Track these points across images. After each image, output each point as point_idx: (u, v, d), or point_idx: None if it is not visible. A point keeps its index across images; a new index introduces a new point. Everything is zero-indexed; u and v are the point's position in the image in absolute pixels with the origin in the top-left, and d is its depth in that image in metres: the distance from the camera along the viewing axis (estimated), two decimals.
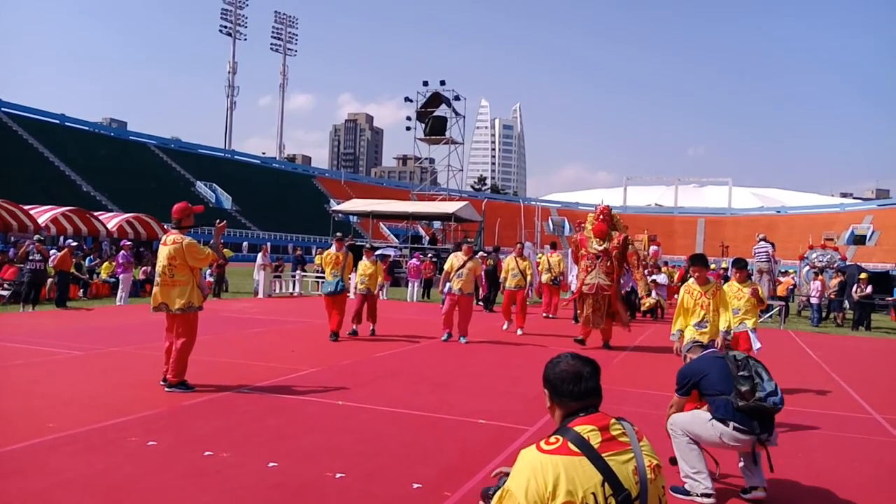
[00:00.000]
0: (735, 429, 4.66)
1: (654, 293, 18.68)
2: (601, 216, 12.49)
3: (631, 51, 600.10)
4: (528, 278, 14.69)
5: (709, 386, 4.87)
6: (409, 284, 24.18)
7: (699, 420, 4.86)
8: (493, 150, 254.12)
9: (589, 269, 12.30)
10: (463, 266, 12.53)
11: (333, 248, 12.45)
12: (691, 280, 7.65)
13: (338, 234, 12.97)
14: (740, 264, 8.93)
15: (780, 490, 5.07)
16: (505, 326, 14.67)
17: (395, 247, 37.63)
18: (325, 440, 5.79)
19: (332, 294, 11.92)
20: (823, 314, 21.81)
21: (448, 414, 6.97)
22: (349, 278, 12.80)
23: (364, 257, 13.27)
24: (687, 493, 4.75)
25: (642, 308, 13.91)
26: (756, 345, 8.33)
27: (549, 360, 2.56)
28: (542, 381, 2.57)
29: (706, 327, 7.24)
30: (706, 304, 7.31)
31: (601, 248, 12.22)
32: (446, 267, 12.82)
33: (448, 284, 12.63)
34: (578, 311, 12.51)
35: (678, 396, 5.13)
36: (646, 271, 19.13)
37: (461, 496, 4.59)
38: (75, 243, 20.80)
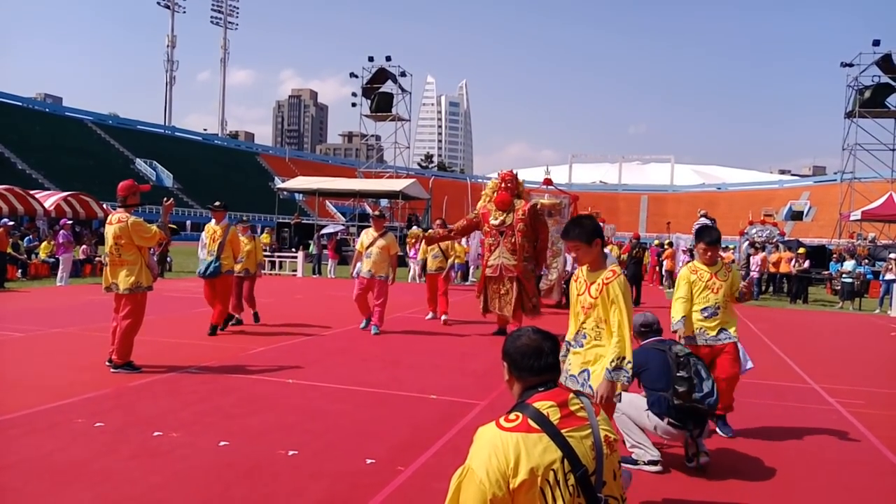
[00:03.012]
0: (669, 423, 4.82)
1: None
2: (504, 183, 10.52)
3: (573, 29, 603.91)
4: (451, 259, 12.89)
5: (647, 380, 4.99)
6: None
7: (636, 406, 4.99)
8: (440, 127, 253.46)
9: (492, 248, 10.49)
10: (373, 244, 10.68)
11: (213, 221, 10.37)
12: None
13: (216, 202, 10.60)
14: (712, 237, 6.00)
15: (722, 457, 5.25)
16: (429, 316, 12.66)
17: (343, 225, 37.37)
18: (276, 419, 5.77)
19: (203, 276, 10.04)
20: (763, 287, 22.50)
21: (399, 390, 7.00)
22: (242, 258, 10.83)
23: (239, 232, 11.01)
24: (635, 462, 4.88)
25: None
26: (748, 364, 6.03)
27: (510, 334, 2.56)
28: (500, 355, 2.56)
29: None
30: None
31: (498, 221, 10.42)
32: (357, 246, 11.20)
33: (359, 266, 10.93)
34: (478, 296, 10.86)
35: None
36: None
37: (414, 470, 4.63)
38: (11, 223, 20.14)
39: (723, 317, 5.90)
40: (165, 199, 8.05)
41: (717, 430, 5.74)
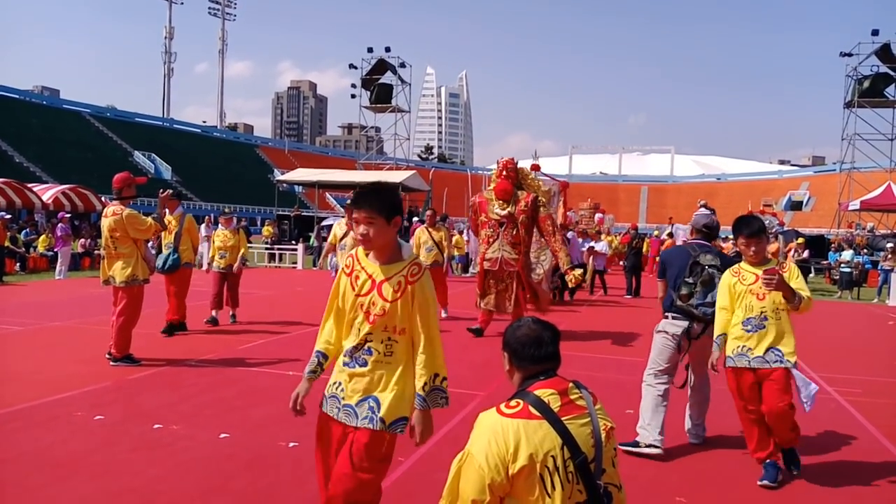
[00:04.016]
0: (673, 318, 5.23)
1: (590, 262, 18.17)
2: (504, 171, 9.93)
3: (573, 19, 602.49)
4: (446, 252, 12.00)
5: (669, 276, 5.38)
6: None
7: (653, 344, 5.37)
8: (440, 118, 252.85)
9: (490, 240, 9.86)
10: (346, 236, 10.00)
11: (166, 213, 9.31)
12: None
13: (168, 189, 9.14)
14: (751, 228, 4.78)
15: (720, 446, 5.27)
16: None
17: (343, 217, 37.32)
18: (276, 411, 5.77)
19: (162, 271, 9.18)
20: None
21: None
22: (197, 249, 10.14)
23: (220, 225, 10.64)
24: (637, 444, 4.97)
25: (569, 284, 10.78)
26: (807, 404, 4.55)
27: (510, 324, 2.58)
28: (499, 346, 2.57)
29: None
30: None
31: (504, 212, 9.78)
32: (330, 238, 10.44)
33: (332, 259, 10.09)
34: (478, 292, 10.14)
35: (658, 280, 5.63)
36: (587, 240, 18.98)
37: (414, 461, 4.64)
38: (9, 216, 20.13)
39: (773, 331, 4.66)
40: (161, 190, 8.02)
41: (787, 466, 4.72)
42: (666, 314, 5.29)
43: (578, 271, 10.38)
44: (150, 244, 8.00)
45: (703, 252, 5.25)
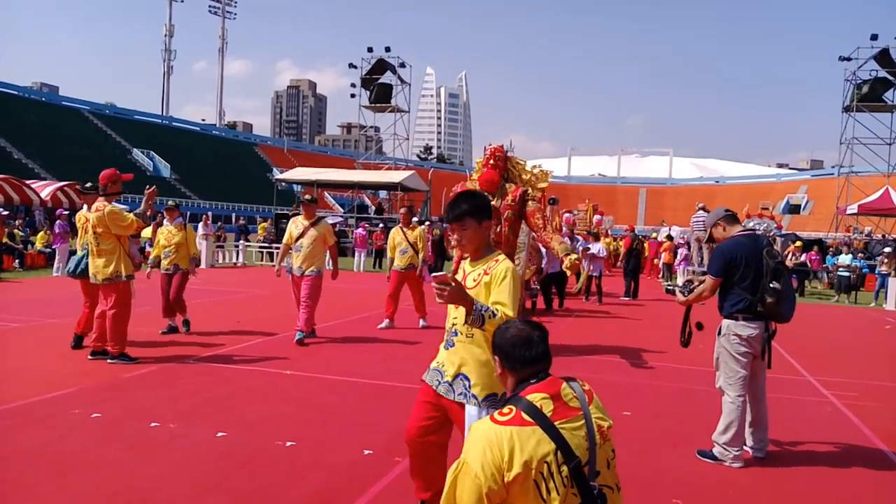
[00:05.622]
0: (744, 318, 4.95)
1: (585, 263, 17.26)
2: (492, 160, 8.73)
3: (572, 21, 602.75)
4: (421, 254, 10.76)
5: (739, 278, 4.97)
6: (356, 254, 24.11)
7: (720, 351, 5.12)
8: (439, 118, 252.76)
9: None
10: (303, 235, 9.01)
11: (84, 208, 8.10)
12: None
13: (87, 184, 8.27)
14: (454, 211, 3.37)
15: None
16: (383, 325, 10.61)
17: (341, 216, 37.32)
18: (273, 409, 5.78)
19: (72, 275, 8.00)
20: None
21: (396, 381, 7.02)
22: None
23: (165, 220, 9.61)
24: (714, 458, 4.97)
25: (567, 272, 9.18)
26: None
27: (498, 327, 2.57)
28: (491, 350, 2.56)
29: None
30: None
31: None
32: (285, 239, 9.32)
33: (287, 262, 9.22)
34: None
35: (711, 278, 5.12)
36: (584, 242, 18.81)
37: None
38: (7, 212, 20.10)
39: (462, 351, 3.39)
40: (148, 186, 7.91)
41: None
42: (735, 315, 4.98)
43: (574, 256, 8.80)
44: (145, 242, 7.95)
45: (764, 247, 5.00)
